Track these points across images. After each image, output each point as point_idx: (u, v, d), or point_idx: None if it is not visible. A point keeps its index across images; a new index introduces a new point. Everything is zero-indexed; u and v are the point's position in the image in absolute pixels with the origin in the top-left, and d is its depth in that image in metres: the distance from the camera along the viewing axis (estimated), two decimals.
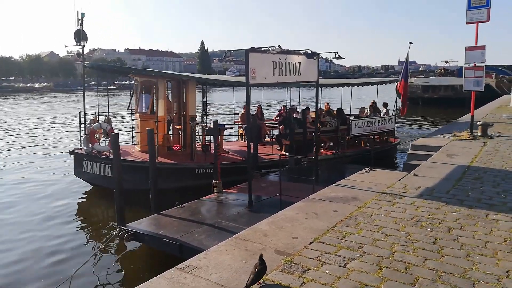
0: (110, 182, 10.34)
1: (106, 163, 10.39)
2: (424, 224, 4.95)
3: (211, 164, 10.29)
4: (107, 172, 10.45)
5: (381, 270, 3.75)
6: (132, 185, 9.32)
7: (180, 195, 8.17)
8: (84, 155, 10.87)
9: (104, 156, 10.49)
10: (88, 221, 9.27)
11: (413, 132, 21.75)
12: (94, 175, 10.76)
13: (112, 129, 10.77)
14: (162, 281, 3.65)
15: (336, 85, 15.68)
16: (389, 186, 6.79)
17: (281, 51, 7.62)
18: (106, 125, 10.78)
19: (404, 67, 14.78)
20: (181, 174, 10.24)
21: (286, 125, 12.49)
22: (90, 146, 10.67)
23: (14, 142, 20.58)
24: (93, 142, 10.63)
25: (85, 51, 12.21)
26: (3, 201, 10.52)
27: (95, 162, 10.60)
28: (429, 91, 41.59)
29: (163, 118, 11.35)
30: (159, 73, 12.34)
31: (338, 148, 12.67)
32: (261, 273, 3.49)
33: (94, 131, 10.65)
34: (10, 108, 45.24)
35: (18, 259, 7.10)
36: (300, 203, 6.00)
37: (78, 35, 11.64)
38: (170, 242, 6.25)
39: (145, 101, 11.70)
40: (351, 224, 4.98)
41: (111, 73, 14.54)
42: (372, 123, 13.74)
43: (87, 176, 11.05)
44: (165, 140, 11.47)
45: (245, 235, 4.78)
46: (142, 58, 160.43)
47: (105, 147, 10.63)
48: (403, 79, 14.57)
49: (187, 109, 11.68)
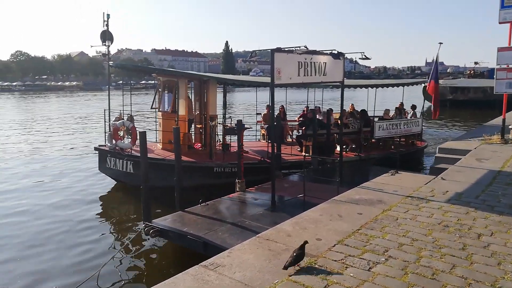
0: (131, 178, 10.72)
1: (128, 159, 10.64)
2: (452, 229, 4.83)
3: (229, 164, 10.37)
4: (129, 168, 10.69)
5: (407, 275, 3.68)
6: (153, 182, 9.53)
7: (199, 193, 8.22)
8: (108, 151, 11.18)
9: (127, 153, 10.74)
10: (113, 217, 9.49)
11: (440, 135, 21.16)
12: (117, 171, 11.06)
13: (134, 127, 11.07)
14: (187, 277, 3.71)
15: (361, 86, 15.41)
16: (415, 189, 6.65)
17: (307, 51, 7.60)
18: (129, 123, 11.07)
19: (434, 68, 14.30)
20: (199, 172, 10.31)
21: (306, 126, 12.39)
22: (113, 143, 10.98)
23: (44, 136, 21.37)
24: (116, 139, 10.93)
25: (113, 51, 12.62)
26: (29, 194, 10.90)
27: (118, 159, 10.88)
28: (458, 93, 40.43)
29: (184, 117, 11.51)
30: (179, 73, 12.53)
31: (361, 150, 12.45)
32: (298, 258, 3.82)
33: (117, 129, 10.97)
34: (43, 106, 46.88)
35: (45, 253, 7.28)
36: (324, 205, 5.96)
37: (104, 35, 11.97)
38: (194, 239, 6.33)
39: (167, 100, 11.89)
40: (376, 227, 4.91)
41: (134, 72, 14.91)
42: (397, 125, 13.40)
43: (110, 172, 11.37)
44: (185, 138, 11.61)
45: (269, 235, 4.79)
46: (168, 58, 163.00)
47: (128, 144, 10.91)
48: (433, 81, 14.14)
49: (207, 109, 11.79)
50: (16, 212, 9.45)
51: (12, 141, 20.08)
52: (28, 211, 9.59)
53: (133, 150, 10.95)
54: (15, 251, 7.32)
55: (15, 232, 8.22)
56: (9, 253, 7.23)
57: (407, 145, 14.01)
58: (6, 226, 8.56)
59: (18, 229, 8.39)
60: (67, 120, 30.13)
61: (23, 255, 7.15)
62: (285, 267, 3.78)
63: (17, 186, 11.79)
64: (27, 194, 10.95)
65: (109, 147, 11.18)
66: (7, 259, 7.01)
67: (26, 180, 12.37)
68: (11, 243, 7.66)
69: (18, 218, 9.05)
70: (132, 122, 11.25)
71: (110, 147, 11.14)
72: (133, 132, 10.96)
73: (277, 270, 3.82)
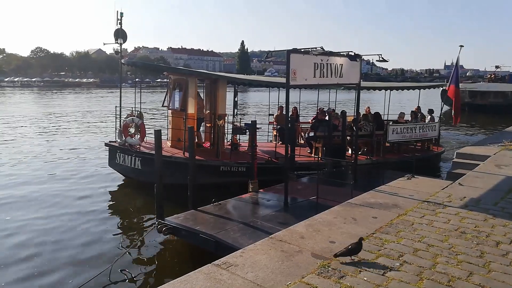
0: (139, 175, 10.90)
1: (137, 156, 10.79)
2: (470, 236, 4.73)
3: (236, 163, 10.35)
4: (137, 165, 10.84)
5: (422, 281, 3.62)
6: (167, 178, 9.65)
7: (205, 192, 8.21)
8: (117, 147, 11.35)
9: (135, 150, 10.88)
10: (124, 213, 9.54)
11: (458, 140, 20.68)
12: (126, 167, 11.23)
13: (143, 124, 11.20)
14: (200, 275, 3.72)
15: (376, 88, 15.18)
16: (432, 194, 6.54)
17: (323, 52, 7.55)
18: (138, 120, 11.19)
19: (454, 71, 13.91)
20: (205, 171, 10.22)
21: (316, 128, 12.24)
22: (123, 139, 11.14)
23: (60, 131, 21.81)
24: (125, 135, 11.07)
25: (130, 49, 12.75)
26: (39, 187, 11.12)
27: (126, 155, 11.04)
28: (477, 97, 39.63)
29: (193, 115, 11.58)
30: (189, 71, 12.60)
31: (373, 154, 12.12)
32: (352, 251, 4.02)
33: (127, 125, 11.10)
34: (60, 101, 47.72)
35: (58, 248, 7.32)
36: (338, 207, 5.91)
37: (117, 34, 12.13)
38: (206, 238, 6.35)
39: (177, 98, 11.97)
40: (391, 232, 4.84)
41: (145, 70, 15.10)
42: (412, 129, 13.03)
43: (119, 167, 11.56)
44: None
45: (282, 236, 4.77)
46: (184, 57, 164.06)
47: (136, 140, 11.03)
48: (454, 85, 13.78)
49: (216, 108, 11.84)
50: (28, 205, 9.63)
51: (29, 135, 20.49)
52: (39, 202, 9.79)
53: (142, 146, 11.10)
54: (28, 245, 7.37)
55: (26, 226, 8.29)
56: (21, 247, 7.29)
57: (423, 150, 13.67)
58: (16, 220, 8.61)
59: (30, 222, 8.49)
60: (82, 116, 30.62)
61: (35, 250, 7.21)
62: (335, 255, 4.06)
63: (31, 178, 12.11)
64: (37, 186, 11.20)
65: (119, 143, 11.36)
66: (19, 252, 7.08)
67: (40, 172, 12.74)
68: (22, 237, 7.73)
69: (30, 211, 9.20)
70: (141, 119, 11.38)
71: (119, 143, 11.32)
72: (141, 129, 11.10)
73: (289, 272, 3.80)
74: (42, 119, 28.35)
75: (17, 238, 7.70)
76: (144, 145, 11.37)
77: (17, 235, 7.86)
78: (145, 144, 11.52)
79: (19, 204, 9.73)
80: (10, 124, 24.86)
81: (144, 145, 11.33)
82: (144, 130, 11.17)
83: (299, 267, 3.90)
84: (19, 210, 9.21)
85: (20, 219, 8.67)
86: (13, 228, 8.17)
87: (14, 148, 16.82)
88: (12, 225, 8.36)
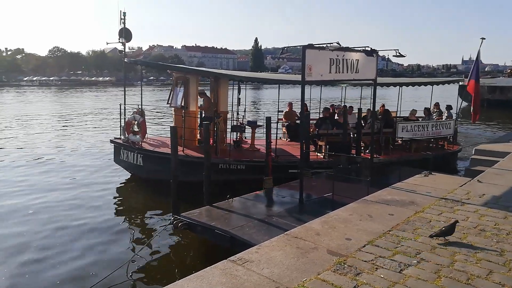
0: (141, 171, 11.22)
1: (139, 152, 11.03)
2: (489, 234, 4.64)
3: (235, 161, 10.31)
4: (139, 161, 11.08)
5: (440, 279, 3.57)
6: (161, 175, 10.04)
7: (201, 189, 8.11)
8: (121, 144, 11.62)
9: (137, 147, 11.11)
10: (138, 209, 9.64)
11: (477, 137, 20.07)
12: (129, 164, 11.51)
13: (144, 121, 11.42)
14: (216, 271, 3.74)
15: (390, 84, 14.69)
16: (450, 191, 6.44)
17: (339, 48, 7.48)
18: (139, 117, 11.44)
19: (475, 65, 13.20)
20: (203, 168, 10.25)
21: (319, 125, 11.97)
22: (126, 136, 11.45)
23: (73, 128, 22.28)
24: (128, 132, 11.40)
25: (144, 47, 12.88)
26: (47, 180, 11.46)
27: (129, 151, 11.29)
28: (496, 92, 38.76)
29: (195, 113, 11.66)
30: (190, 69, 12.74)
31: (380, 153, 11.53)
32: (446, 232, 4.39)
33: (129, 123, 11.43)
34: (76, 100, 48.56)
35: (74, 246, 7.37)
36: (353, 204, 5.87)
37: (121, 33, 12.34)
38: (222, 234, 6.39)
39: (180, 96, 12.07)
40: (408, 229, 4.79)
41: (147, 68, 15.54)
42: (424, 127, 12.47)
43: (123, 164, 11.86)
44: (193, 134, 11.64)
45: (297, 232, 4.77)
46: (198, 54, 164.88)
47: (138, 138, 11.28)
48: (474, 80, 13.00)
49: (218, 105, 11.87)
50: (39, 202, 9.82)
51: (45, 132, 21.04)
52: (51, 198, 10.06)
53: (144, 143, 11.40)
54: (42, 245, 7.38)
55: (41, 224, 8.33)
56: (36, 246, 7.31)
57: (436, 149, 13.01)
58: (28, 220, 8.58)
59: (44, 220, 8.55)
60: (97, 114, 31.10)
61: (54, 250, 7.23)
62: (431, 235, 4.43)
63: (41, 171, 12.62)
64: (45, 181, 11.57)
65: (123, 140, 11.65)
66: (32, 254, 7.04)
67: (48, 167, 13.23)
68: (37, 236, 7.75)
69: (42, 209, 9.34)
70: (143, 116, 11.61)
71: (123, 140, 11.62)
72: (142, 127, 11.34)
73: (305, 268, 3.79)
74: (59, 116, 28.91)
75: (27, 236, 7.81)
76: (148, 142, 11.69)
77: (28, 234, 7.96)
78: (148, 141, 11.82)
79: (28, 202, 9.91)
80: (29, 121, 25.46)
81: (147, 142, 11.65)
82: (145, 127, 11.43)
83: (314, 264, 3.89)
84: (28, 209, 9.25)
85: (31, 218, 8.70)
86: (21, 222, 8.37)
87: (34, 144, 17.25)
88: (22, 218, 8.57)
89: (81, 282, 6.09)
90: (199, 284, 3.50)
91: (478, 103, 13.58)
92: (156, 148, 11.25)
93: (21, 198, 9.88)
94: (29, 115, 29.65)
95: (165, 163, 10.29)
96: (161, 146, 11.48)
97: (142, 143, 11.26)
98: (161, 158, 10.58)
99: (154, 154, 10.77)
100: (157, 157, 10.65)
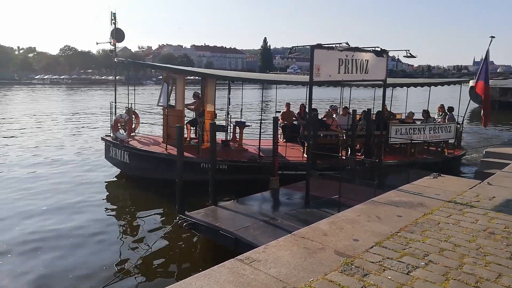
0: (128, 168, 11.52)
1: (125, 150, 11.27)
2: (499, 237, 4.59)
3: (219, 161, 10.12)
4: (125, 158, 11.34)
5: (448, 282, 3.55)
6: (147, 173, 10.50)
7: (189, 189, 8.10)
8: (110, 141, 11.91)
9: (124, 144, 11.36)
10: (142, 209, 9.57)
11: (485, 141, 19.24)
12: (117, 161, 11.80)
13: (130, 120, 11.72)
14: (223, 270, 3.76)
15: (395, 85, 14.12)
16: (459, 194, 6.38)
17: (348, 48, 7.45)
18: (126, 116, 11.76)
19: (483, 65, 12.68)
20: (185, 167, 10.15)
21: (305, 127, 11.85)
22: (115, 133, 11.83)
23: (77, 126, 22.78)
24: (116, 130, 11.81)
25: (154, 47, 12.99)
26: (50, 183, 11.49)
27: (117, 149, 11.57)
28: (508, 94, 38.21)
29: (182, 112, 11.78)
30: (177, 69, 12.91)
31: (371, 155, 10.97)
32: None
33: (117, 121, 11.79)
34: (85, 98, 49.00)
35: (80, 246, 7.39)
36: (361, 205, 5.85)
37: (112, 33, 12.52)
38: (226, 235, 6.39)
39: (166, 95, 12.18)
40: (416, 231, 4.76)
41: (136, 67, 15.97)
42: (421, 130, 11.84)
43: (113, 161, 12.14)
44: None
45: (304, 233, 4.77)
46: (207, 54, 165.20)
47: (124, 135, 11.59)
48: (483, 81, 12.41)
49: (205, 105, 11.95)
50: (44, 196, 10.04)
51: (50, 130, 21.39)
52: (55, 194, 10.25)
53: (133, 141, 11.74)
54: (43, 245, 7.36)
55: (41, 224, 8.33)
56: (36, 246, 7.30)
57: (435, 153, 12.40)
58: (31, 221, 8.50)
59: (42, 220, 8.57)
60: (103, 112, 31.41)
61: (59, 251, 7.21)
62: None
63: (44, 169, 12.85)
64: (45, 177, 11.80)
65: (112, 138, 11.97)
66: (32, 254, 7.05)
67: (48, 164, 13.52)
68: (37, 235, 7.76)
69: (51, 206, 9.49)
70: (130, 115, 11.88)
71: (112, 138, 11.94)
72: (128, 125, 11.62)
73: (312, 269, 3.80)
74: (66, 115, 29.25)
75: (27, 229, 7.94)
76: (138, 140, 12.03)
77: (25, 226, 8.13)
78: (139, 139, 12.21)
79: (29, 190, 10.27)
80: (36, 118, 25.80)
81: (137, 140, 12.00)
82: (131, 125, 11.76)
83: (322, 264, 3.89)
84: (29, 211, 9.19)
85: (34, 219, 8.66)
86: (19, 219, 8.47)
87: (37, 141, 17.56)
88: (21, 215, 8.69)
89: (89, 282, 6.14)
90: (206, 282, 3.52)
91: (488, 106, 13.07)
92: (144, 146, 11.46)
93: (25, 198, 9.98)
94: (38, 112, 30.07)
95: (150, 161, 10.72)
96: (150, 144, 11.71)
97: (128, 141, 11.55)
98: (146, 156, 10.83)
99: (139, 152, 11.01)
100: (143, 155, 10.92)
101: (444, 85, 14.83)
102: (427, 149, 12.47)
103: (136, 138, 12.47)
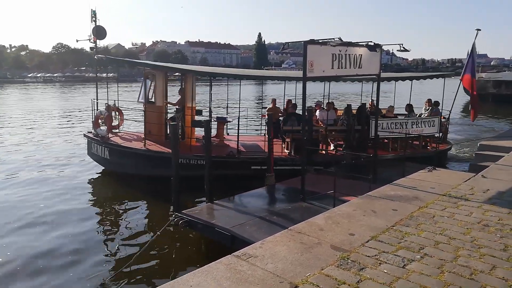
0: (109, 164, 11.66)
1: (106, 146, 11.35)
2: (493, 229, 4.64)
3: (195, 156, 10.20)
4: (106, 154, 11.43)
5: (444, 274, 3.59)
6: (128, 168, 10.71)
7: (167, 184, 8.04)
8: (92, 138, 11.99)
9: (103, 140, 11.43)
10: (137, 207, 9.57)
11: (474, 135, 19.18)
12: (98, 157, 11.89)
13: (109, 116, 11.84)
14: (220, 266, 3.78)
15: (385, 79, 13.73)
16: (453, 187, 6.43)
17: (341, 43, 7.44)
18: (105, 112, 11.87)
19: (469, 59, 12.43)
20: (163, 162, 10.01)
21: (285, 121, 11.69)
22: (95, 130, 11.94)
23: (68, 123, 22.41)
24: (96, 126, 11.92)
25: (148, 43, 13.01)
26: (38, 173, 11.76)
27: (98, 145, 11.67)
28: (502, 87, 38.45)
29: (161, 108, 11.77)
30: (157, 66, 12.92)
31: (352, 150, 10.68)
32: None
33: (97, 117, 11.92)
34: (77, 95, 48.68)
35: (78, 244, 7.39)
36: (357, 200, 5.88)
37: (93, 30, 12.68)
38: (222, 232, 6.40)
39: (146, 91, 12.16)
40: (411, 225, 4.80)
41: (118, 64, 15.90)
42: (403, 124, 11.55)
43: (94, 157, 12.21)
44: (160, 130, 11.68)
45: (301, 228, 4.79)
46: (201, 50, 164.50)
47: (104, 131, 11.69)
48: (469, 75, 12.19)
49: (185, 101, 11.86)
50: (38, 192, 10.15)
51: (45, 127, 21.37)
52: (48, 188, 10.44)
53: (115, 137, 11.81)
54: (42, 244, 7.37)
55: (38, 223, 8.34)
56: (36, 246, 7.31)
57: (419, 148, 12.22)
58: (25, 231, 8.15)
59: (41, 218, 8.57)
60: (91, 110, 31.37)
61: (55, 250, 7.21)
62: None
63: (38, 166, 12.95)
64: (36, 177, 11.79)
65: (93, 134, 12.03)
66: (32, 253, 7.02)
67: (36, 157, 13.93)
68: (36, 235, 7.76)
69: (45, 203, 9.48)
70: (109, 111, 11.99)
71: (94, 134, 12.00)
72: (107, 121, 11.75)
73: (309, 264, 3.82)
74: (62, 113, 29.11)
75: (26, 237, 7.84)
76: (120, 136, 12.10)
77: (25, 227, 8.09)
78: (121, 135, 12.29)
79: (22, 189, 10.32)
80: (27, 117, 25.62)
81: (120, 136, 12.07)
82: (110, 122, 11.88)
83: (318, 259, 3.91)
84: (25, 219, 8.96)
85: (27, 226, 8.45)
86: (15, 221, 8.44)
87: (25, 140, 17.47)
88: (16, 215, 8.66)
89: (86, 282, 6.12)
90: (204, 279, 3.53)
91: (475, 101, 12.81)
92: (125, 142, 11.47)
93: (20, 191, 10.14)
94: (30, 110, 29.89)
95: (129, 157, 10.82)
96: (132, 141, 11.72)
97: (109, 137, 11.61)
98: (125, 152, 10.89)
99: (119, 148, 11.06)
100: (122, 151, 10.99)
101: (439, 78, 14.79)
102: (411, 143, 12.30)
103: (119, 134, 12.48)
